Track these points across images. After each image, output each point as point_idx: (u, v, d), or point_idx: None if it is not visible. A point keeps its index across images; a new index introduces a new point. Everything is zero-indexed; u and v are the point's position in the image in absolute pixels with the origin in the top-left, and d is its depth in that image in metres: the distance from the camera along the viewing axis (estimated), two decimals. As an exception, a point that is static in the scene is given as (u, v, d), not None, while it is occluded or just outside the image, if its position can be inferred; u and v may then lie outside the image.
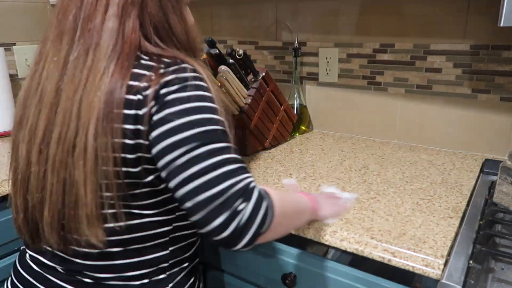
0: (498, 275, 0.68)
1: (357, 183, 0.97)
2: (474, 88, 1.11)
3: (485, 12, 1.05)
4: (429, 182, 0.96)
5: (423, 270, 0.67)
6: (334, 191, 0.83)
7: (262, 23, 1.45)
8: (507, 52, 1.05)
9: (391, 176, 1.00)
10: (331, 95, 1.36)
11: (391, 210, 0.83)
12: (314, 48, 1.36)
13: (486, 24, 1.06)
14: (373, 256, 0.71)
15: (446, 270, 0.65)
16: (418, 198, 0.88)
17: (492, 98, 1.09)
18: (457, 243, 0.71)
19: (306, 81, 1.41)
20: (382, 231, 0.75)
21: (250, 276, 0.92)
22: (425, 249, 0.69)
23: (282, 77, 1.45)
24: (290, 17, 1.38)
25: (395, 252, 0.70)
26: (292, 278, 0.83)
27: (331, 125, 1.39)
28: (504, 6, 0.68)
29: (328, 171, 1.04)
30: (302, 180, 0.98)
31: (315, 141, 1.30)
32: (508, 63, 1.06)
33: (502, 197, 0.83)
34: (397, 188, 0.93)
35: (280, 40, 1.42)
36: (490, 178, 0.98)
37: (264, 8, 1.42)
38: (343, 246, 0.75)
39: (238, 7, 1.49)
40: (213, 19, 1.57)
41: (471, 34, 1.09)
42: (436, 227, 0.76)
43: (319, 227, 0.78)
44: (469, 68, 1.10)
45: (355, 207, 0.84)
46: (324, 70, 1.35)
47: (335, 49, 1.31)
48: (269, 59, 1.47)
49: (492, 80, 1.08)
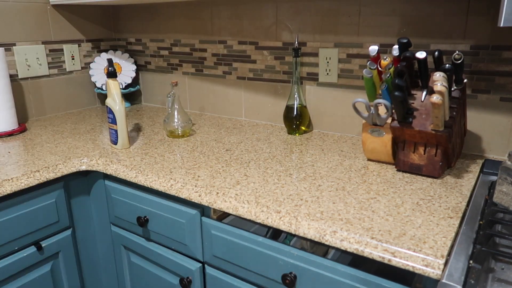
0: (498, 275, 0.68)
1: (357, 183, 0.97)
2: (474, 88, 1.11)
3: (485, 12, 1.05)
4: (429, 182, 0.96)
5: (423, 270, 0.67)
6: None
7: (262, 23, 1.45)
8: (507, 52, 1.05)
9: (391, 176, 1.00)
10: (331, 95, 1.37)
11: (391, 210, 0.83)
12: (314, 48, 1.36)
13: (486, 24, 1.06)
14: (373, 256, 0.71)
15: (446, 270, 0.65)
16: (418, 198, 0.88)
17: (492, 98, 1.09)
18: (457, 243, 0.71)
19: (306, 81, 1.41)
20: (382, 231, 0.75)
21: (250, 276, 0.92)
22: (425, 249, 0.69)
23: (282, 77, 1.45)
24: (290, 17, 1.38)
25: (395, 252, 0.70)
26: (292, 278, 0.83)
27: (331, 125, 1.39)
28: (504, 6, 0.68)
29: (328, 171, 1.04)
30: (302, 180, 0.98)
31: (315, 141, 1.30)
32: (508, 63, 1.06)
33: (502, 197, 0.83)
34: (397, 188, 0.93)
35: (280, 40, 1.43)
36: (490, 178, 0.98)
37: (264, 8, 1.43)
38: (343, 246, 0.75)
39: (238, 7, 1.49)
40: (213, 19, 1.57)
41: (471, 34, 1.09)
42: (436, 227, 0.76)
43: (319, 227, 0.78)
44: (469, 68, 1.10)
45: (355, 207, 0.84)
46: (324, 70, 1.35)
47: (335, 49, 1.32)
48: (269, 59, 1.47)
49: (492, 80, 1.08)
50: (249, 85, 1.55)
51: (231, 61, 1.57)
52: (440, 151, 0.96)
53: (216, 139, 1.33)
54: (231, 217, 0.94)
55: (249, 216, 0.87)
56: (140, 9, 1.79)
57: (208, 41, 1.61)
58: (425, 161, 0.98)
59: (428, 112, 0.95)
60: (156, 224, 1.08)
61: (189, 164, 1.11)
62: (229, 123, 1.55)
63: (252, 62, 1.51)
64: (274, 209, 0.85)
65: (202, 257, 1.01)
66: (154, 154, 1.19)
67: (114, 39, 1.93)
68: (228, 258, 0.95)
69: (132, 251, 1.19)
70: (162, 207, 1.04)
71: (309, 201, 0.87)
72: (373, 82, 1.02)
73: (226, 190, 0.94)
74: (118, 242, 1.22)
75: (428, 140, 0.96)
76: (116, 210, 1.17)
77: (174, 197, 1.01)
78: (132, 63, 1.86)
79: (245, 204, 0.88)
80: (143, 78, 1.91)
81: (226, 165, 1.10)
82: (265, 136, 1.36)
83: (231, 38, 1.54)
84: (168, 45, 1.75)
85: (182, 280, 1.03)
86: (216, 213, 0.96)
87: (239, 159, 1.14)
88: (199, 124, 1.54)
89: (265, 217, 0.84)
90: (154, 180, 1.03)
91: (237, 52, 1.54)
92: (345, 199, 0.88)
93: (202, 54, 1.65)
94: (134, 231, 1.16)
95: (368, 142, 1.06)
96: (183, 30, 1.67)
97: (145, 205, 1.08)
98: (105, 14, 1.87)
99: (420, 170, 0.99)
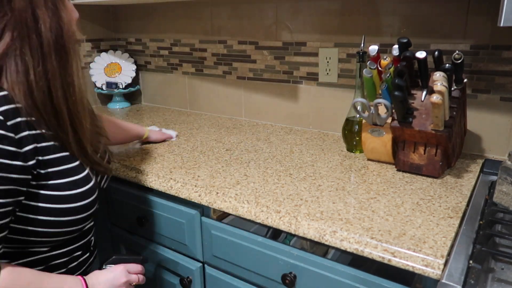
0: (498, 275, 0.68)
1: (357, 183, 0.97)
2: (474, 88, 1.11)
3: (485, 12, 1.05)
4: (429, 182, 0.96)
5: (423, 270, 0.67)
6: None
7: (262, 23, 1.45)
8: (507, 52, 1.05)
9: (391, 176, 1.00)
10: (331, 95, 1.36)
11: (391, 210, 0.83)
12: (314, 48, 1.36)
13: (486, 24, 1.06)
14: (373, 256, 0.71)
15: (446, 270, 0.65)
16: (418, 198, 0.88)
17: (492, 98, 1.09)
18: (457, 243, 0.71)
19: (306, 81, 1.41)
20: (382, 231, 0.75)
21: (250, 276, 0.92)
22: (425, 249, 0.69)
23: (282, 77, 1.45)
24: (290, 17, 1.38)
25: (395, 252, 0.70)
26: (292, 278, 0.83)
27: (331, 125, 1.39)
28: (504, 6, 0.68)
29: (328, 171, 1.04)
30: (302, 180, 0.98)
31: (315, 141, 1.30)
32: (508, 63, 1.06)
33: (502, 197, 0.83)
34: (397, 188, 0.93)
35: (280, 40, 1.42)
36: (490, 178, 0.98)
37: (264, 8, 1.42)
38: (343, 246, 0.75)
39: (238, 7, 1.49)
40: (213, 19, 1.57)
41: (471, 34, 1.09)
42: (436, 227, 0.76)
43: (319, 227, 0.78)
44: (469, 68, 1.10)
45: (355, 207, 0.84)
46: (324, 70, 1.35)
47: (335, 49, 1.31)
48: (269, 59, 1.47)
49: (492, 80, 1.08)
50: (249, 85, 1.55)
51: (231, 61, 1.57)
52: (440, 151, 0.96)
53: (216, 139, 1.33)
54: (231, 217, 0.94)
55: (249, 216, 0.87)
56: (140, 9, 1.79)
57: (208, 41, 1.61)
58: (425, 161, 0.98)
59: (428, 112, 0.95)
60: (156, 224, 1.08)
61: (189, 164, 1.11)
62: (229, 123, 1.55)
63: (252, 62, 1.51)
64: (274, 209, 0.85)
65: (202, 257, 1.01)
66: (154, 154, 1.19)
67: (114, 39, 1.93)
68: (228, 258, 0.95)
69: (132, 251, 1.19)
70: (162, 207, 1.04)
71: (309, 201, 0.87)
72: (373, 82, 1.02)
73: (226, 190, 0.94)
74: (118, 242, 1.22)
75: (428, 140, 0.96)
76: (116, 210, 1.17)
77: (174, 197, 1.01)
78: (132, 63, 1.86)
79: (245, 204, 0.88)
80: (143, 78, 1.90)
81: (226, 165, 1.09)
82: (265, 136, 1.36)
83: (231, 38, 1.54)
84: (168, 45, 1.75)
85: (183, 280, 1.03)
86: (216, 213, 0.96)
87: (239, 159, 1.14)
88: (199, 124, 1.54)
89: (265, 217, 0.84)
90: (154, 180, 1.03)
91: (237, 52, 1.54)
92: (345, 199, 0.88)
93: (202, 54, 1.65)
94: (134, 231, 1.15)
95: (368, 142, 1.06)
96: (183, 30, 1.67)
97: (145, 205, 1.08)
98: (105, 14, 1.87)
99: (420, 170, 0.99)
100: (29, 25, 0.63)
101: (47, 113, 0.66)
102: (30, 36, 0.63)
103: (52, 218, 0.70)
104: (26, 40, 0.63)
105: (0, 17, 0.62)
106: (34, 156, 0.65)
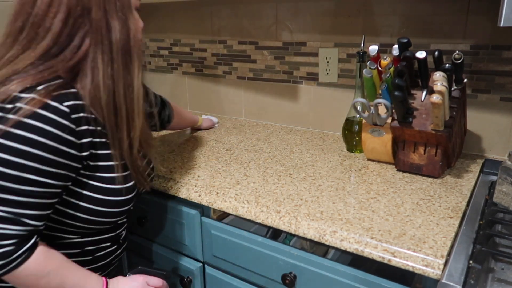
0: (498, 275, 0.68)
1: (357, 183, 0.97)
2: (474, 88, 1.11)
3: (485, 12, 1.05)
4: (429, 182, 0.96)
5: (423, 270, 0.67)
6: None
7: (262, 23, 1.45)
8: (507, 52, 1.05)
9: (391, 176, 1.00)
10: (331, 95, 1.36)
11: (391, 210, 0.83)
12: (314, 48, 1.36)
13: (486, 24, 1.06)
14: (373, 256, 0.71)
15: (446, 270, 0.65)
16: (418, 198, 0.88)
17: (492, 98, 1.09)
18: (457, 243, 0.71)
19: (306, 81, 1.41)
20: (382, 231, 0.75)
21: (250, 276, 0.92)
22: (425, 249, 0.69)
23: (282, 77, 1.45)
24: (290, 17, 1.38)
25: (395, 252, 0.70)
26: (292, 278, 0.83)
27: (331, 125, 1.39)
28: (504, 6, 0.68)
29: (328, 171, 1.04)
30: (302, 180, 0.98)
31: (315, 141, 1.30)
32: (508, 63, 1.05)
33: (502, 197, 0.83)
34: (397, 188, 0.93)
35: (280, 40, 1.42)
36: (490, 178, 0.98)
37: (264, 8, 1.42)
38: (343, 246, 0.75)
39: (238, 7, 1.49)
40: (213, 19, 1.57)
41: (471, 34, 1.09)
42: (436, 227, 0.76)
43: (319, 227, 0.78)
44: (469, 68, 1.10)
45: (355, 207, 0.84)
46: (324, 70, 1.35)
47: (335, 49, 1.31)
48: (269, 59, 1.47)
49: (492, 80, 1.08)
50: (249, 85, 1.55)
51: (231, 61, 1.57)
52: (440, 151, 0.96)
53: (216, 139, 1.33)
54: (231, 217, 0.94)
55: (249, 216, 0.87)
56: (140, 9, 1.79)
57: (208, 41, 1.61)
58: (425, 161, 0.98)
59: (428, 112, 0.95)
60: (156, 224, 1.08)
61: (189, 164, 1.11)
62: (229, 123, 1.55)
63: (252, 62, 1.51)
64: (274, 209, 0.85)
65: (202, 257, 1.01)
66: (154, 154, 1.19)
67: (114, 39, 1.92)
68: (228, 258, 0.95)
69: (132, 251, 1.19)
70: (162, 207, 1.04)
71: (309, 201, 0.87)
72: (373, 82, 1.02)
73: (226, 190, 0.94)
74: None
75: (428, 140, 0.96)
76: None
77: (174, 197, 1.01)
78: (132, 63, 1.86)
79: (245, 204, 0.88)
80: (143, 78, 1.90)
81: (226, 165, 1.10)
82: (265, 136, 1.36)
83: (231, 37, 1.54)
84: (168, 45, 1.75)
85: (183, 280, 1.03)
86: (216, 213, 0.96)
87: (239, 159, 1.14)
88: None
89: (265, 217, 0.84)
90: (154, 180, 1.03)
91: (237, 52, 1.54)
92: (345, 199, 0.88)
93: (202, 54, 1.65)
94: (134, 231, 1.15)
95: (368, 142, 1.06)
96: (183, 30, 1.67)
97: (145, 205, 1.08)
98: (105, 14, 1.87)
99: (420, 170, 0.99)
100: (103, 33, 0.71)
101: (108, 110, 0.72)
102: (103, 42, 0.71)
103: (91, 206, 0.77)
104: (100, 46, 0.71)
105: (82, 28, 0.70)
106: (88, 149, 0.72)
